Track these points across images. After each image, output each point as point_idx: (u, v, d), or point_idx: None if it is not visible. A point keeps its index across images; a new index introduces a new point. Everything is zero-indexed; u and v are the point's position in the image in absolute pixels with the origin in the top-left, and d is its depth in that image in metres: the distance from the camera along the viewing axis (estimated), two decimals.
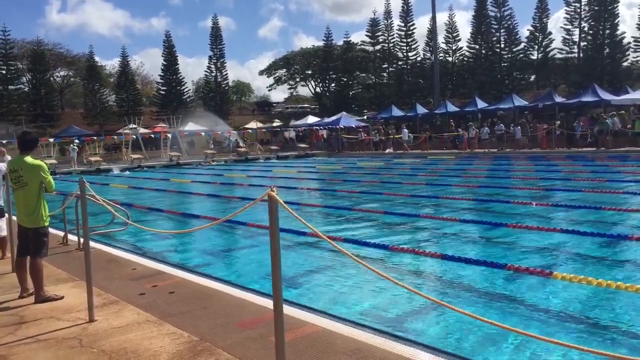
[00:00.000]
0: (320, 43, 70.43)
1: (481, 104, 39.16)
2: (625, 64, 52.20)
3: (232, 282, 6.53)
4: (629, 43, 51.93)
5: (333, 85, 69.22)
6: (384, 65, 63.58)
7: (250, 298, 5.55)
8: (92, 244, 6.76)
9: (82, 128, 50.24)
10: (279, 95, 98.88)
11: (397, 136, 37.03)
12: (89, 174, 28.18)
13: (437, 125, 41.12)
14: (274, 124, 56.01)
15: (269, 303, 4.87)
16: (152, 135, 41.29)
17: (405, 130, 36.34)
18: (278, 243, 3.37)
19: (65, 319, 5.10)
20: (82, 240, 7.82)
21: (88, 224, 5.36)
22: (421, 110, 42.54)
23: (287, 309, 4.44)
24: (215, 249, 9.26)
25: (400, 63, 62.93)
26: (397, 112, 43.38)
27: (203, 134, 42.33)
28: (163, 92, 62.72)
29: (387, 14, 62.60)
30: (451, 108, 40.78)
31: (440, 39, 59.48)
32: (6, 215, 7.62)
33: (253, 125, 50.52)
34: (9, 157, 7.74)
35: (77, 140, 35.18)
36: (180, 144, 39.82)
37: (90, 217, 6.48)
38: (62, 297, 5.75)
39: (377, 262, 7.48)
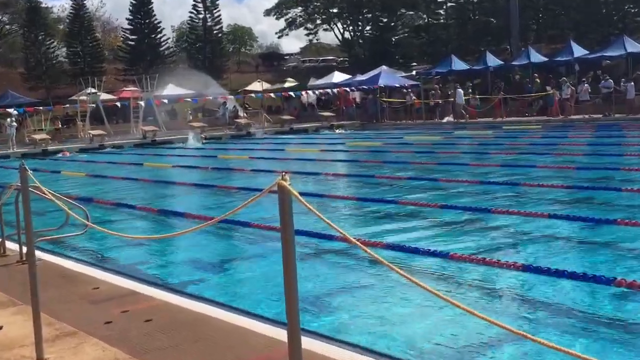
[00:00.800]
0: None
1: (579, 51, 38.47)
2: None
3: (230, 305, 6.58)
4: None
5: (368, 28, 68.77)
6: None
7: (255, 327, 5.59)
8: (38, 254, 6.87)
9: (22, 94, 50.85)
10: (293, 44, 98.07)
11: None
12: (32, 158, 28.59)
13: (517, 82, 40.61)
14: (287, 85, 56.01)
15: (281, 334, 4.91)
16: (118, 103, 41.65)
17: (460, 91, 36.06)
18: (293, 251, 3.38)
19: (5, 358, 5.21)
20: (25, 249, 7.95)
21: (33, 227, 5.44)
22: (493, 61, 42.08)
23: (307, 342, 4.46)
24: (206, 260, 9.33)
25: None
26: (459, 64, 42.89)
27: (188, 99, 42.54)
28: (132, 43, 63.13)
29: None
30: (536, 58, 40.17)
31: None
32: None
33: (257, 86, 50.62)
34: None
35: (15, 112, 35.64)
36: (157, 114, 40.11)
37: (36, 217, 6.59)
38: (0, 328, 5.88)
39: (432, 276, 7.48)
